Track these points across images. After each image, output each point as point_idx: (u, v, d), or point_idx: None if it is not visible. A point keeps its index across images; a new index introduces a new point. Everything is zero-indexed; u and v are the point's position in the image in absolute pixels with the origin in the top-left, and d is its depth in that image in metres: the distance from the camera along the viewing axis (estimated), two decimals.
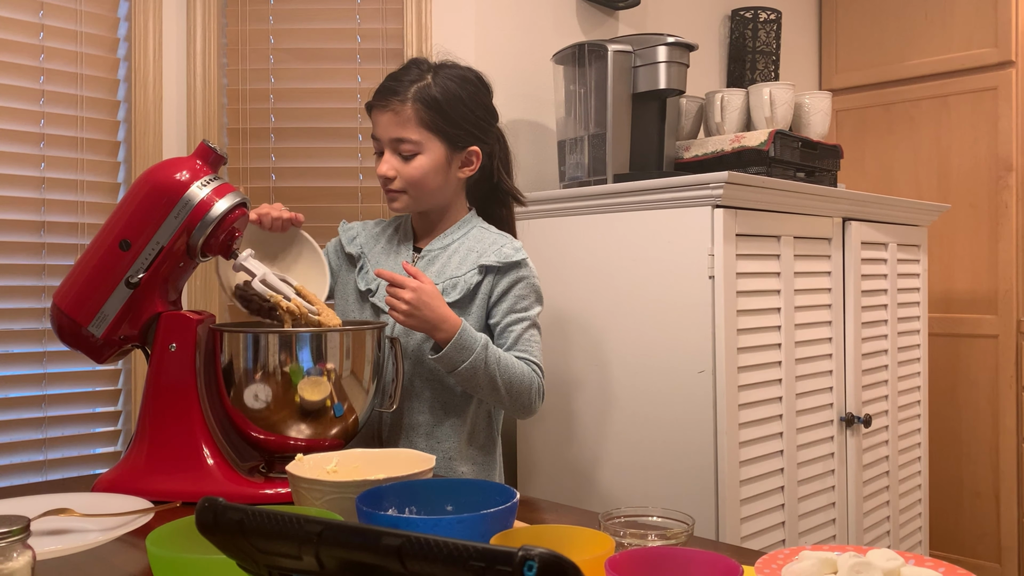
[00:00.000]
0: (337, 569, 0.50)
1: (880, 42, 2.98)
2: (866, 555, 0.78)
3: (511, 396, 1.32)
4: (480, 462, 1.43)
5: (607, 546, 0.76)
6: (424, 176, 1.38)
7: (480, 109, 1.42)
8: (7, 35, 1.65)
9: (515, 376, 1.31)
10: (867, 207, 2.02)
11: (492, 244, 1.42)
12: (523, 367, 1.33)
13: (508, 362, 1.31)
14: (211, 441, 1.15)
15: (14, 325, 1.66)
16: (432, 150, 1.37)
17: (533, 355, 1.37)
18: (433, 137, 1.37)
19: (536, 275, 1.42)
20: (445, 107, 1.36)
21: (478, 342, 1.28)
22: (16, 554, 0.69)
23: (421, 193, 1.40)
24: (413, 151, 1.37)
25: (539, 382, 1.36)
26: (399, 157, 1.38)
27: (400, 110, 1.36)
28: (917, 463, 2.30)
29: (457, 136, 1.39)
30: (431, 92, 1.36)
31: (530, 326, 1.39)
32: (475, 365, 1.27)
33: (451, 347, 1.25)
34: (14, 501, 1.09)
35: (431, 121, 1.36)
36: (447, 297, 1.36)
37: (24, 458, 1.66)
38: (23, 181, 1.67)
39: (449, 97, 1.37)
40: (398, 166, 1.38)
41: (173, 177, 1.16)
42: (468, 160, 1.42)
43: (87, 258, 1.18)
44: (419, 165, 1.37)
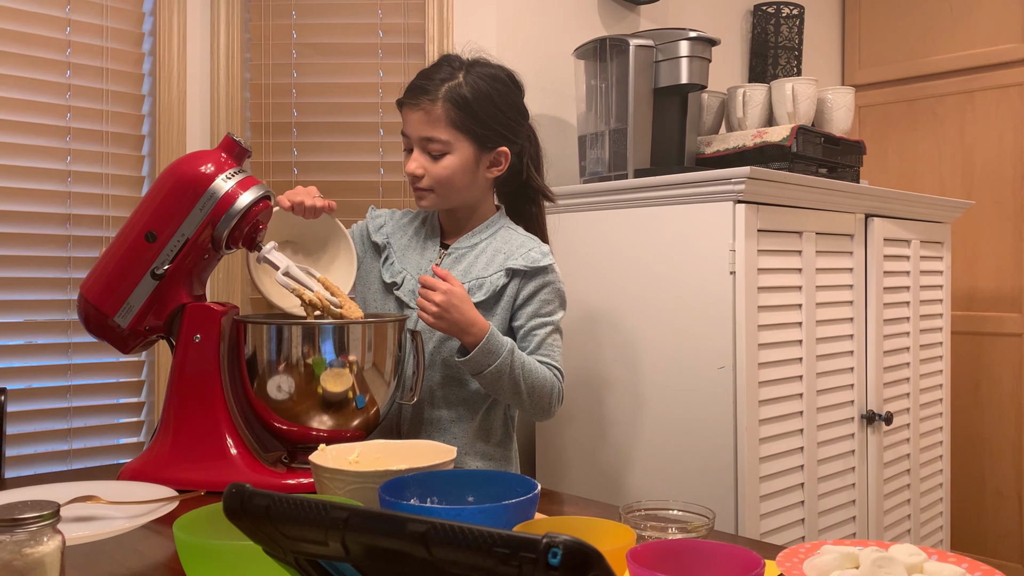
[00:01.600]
0: (362, 555, 0.51)
1: (904, 37, 2.96)
2: (888, 550, 0.77)
3: (532, 400, 1.33)
4: (495, 457, 1.43)
5: (628, 538, 0.76)
6: (452, 176, 1.37)
7: (510, 109, 1.41)
8: (35, 29, 1.67)
9: (538, 381, 1.32)
10: (890, 203, 2.01)
11: (520, 247, 1.41)
12: (545, 372, 1.34)
13: (531, 367, 1.32)
14: (234, 431, 1.16)
15: (40, 316, 1.68)
16: (461, 150, 1.37)
17: (555, 360, 1.38)
18: (462, 137, 1.36)
19: (561, 280, 1.43)
20: (475, 107, 1.35)
21: (504, 347, 1.28)
22: (46, 538, 0.70)
23: (449, 192, 1.39)
24: (442, 151, 1.36)
25: (559, 387, 1.37)
26: (428, 156, 1.37)
27: (430, 109, 1.35)
28: (939, 461, 2.28)
29: (486, 136, 1.38)
30: (462, 92, 1.35)
31: (553, 331, 1.39)
32: (500, 370, 1.28)
33: (479, 351, 1.26)
34: (41, 488, 1.11)
35: (461, 121, 1.35)
36: (472, 297, 1.36)
37: (49, 447, 1.68)
38: (49, 174, 1.69)
39: (479, 97, 1.36)
40: (427, 165, 1.37)
41: (198, 170, 1.17)
42: (497, 160, 1.41)
43: (113, 250, 1.20)
44: (447, 165, 1.37)
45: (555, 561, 0.43)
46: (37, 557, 0.69)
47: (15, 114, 1.65)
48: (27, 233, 1.66)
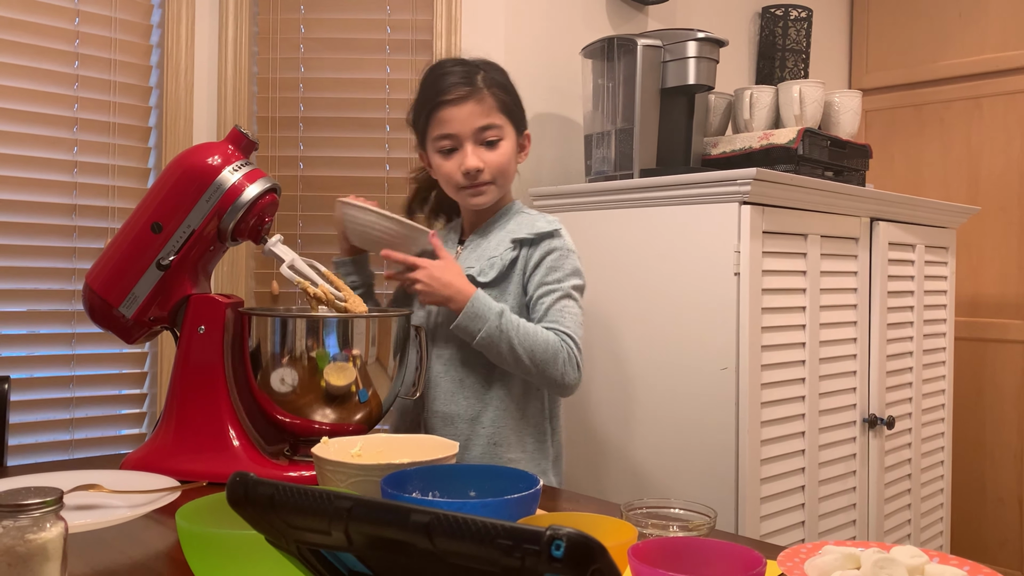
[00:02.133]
0: (365, 545, 0.51)
1: (912, 42, 2.95)
2: (890, 551, 0.77)
3: (536, 366, 1.27)
4: (531, 449, 1.39)
5: (630, 535, 0.76)
6: (509, 161, 1.40)
7: (517, 94, 1.45)
8: (44, 20, 1.67)
9: (538, 345, 1.27)
10: (895, 207, 2.01)
11: (529, 222, 1.41)
12: (547, 335, 1.28)
13: (529, 330, 1.28)
14: (237, 423, 1.17)
15: (45, 306, 1.68)
16: (509, 135, 1.40)
17: (563, 325, 1.31)
18: (508, 121, 1.40)
19: (572, 248, 1.39)
20: (509, 90, 1.41)
21: (492, 310, 1.27)
22: (49, 524, 0.70)
23: (505, 181, 1.41)
24: (497, 136, 1.38)
25: (568, 351, 1.29)
26: (483, 147, 1.38)
27: (481, 99, 1.37)
28: (940, 467, 2.28)
29: (520, 119, 1.43)
30: (496, 78, 1.40)
31: (562, 297, 1.34)
32: (490, 333, 1.26)
33: (464, 316, 1.26)
34: (44, 476, 1.11)
35: (506, 104, 1.39)
36: (484, 277, 1.36)
37: (52, 437, 1.69)
38: (56, 164, 1.69)
39: (506, 81, 1.42)
40: (484, 156, 1.38)
41: (205, 161, 1.17)
42: (522, 144, 1.45)
43: (119, 240, 1.20)
44: (504, 150, 1.39)
45: (558, 553, 0.43)
46: (40, 543, 0.69)
47: (23, 104, 1.65)
48: (33, 223, 1.67)
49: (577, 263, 1.39)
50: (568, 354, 1.29)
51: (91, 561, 0.83)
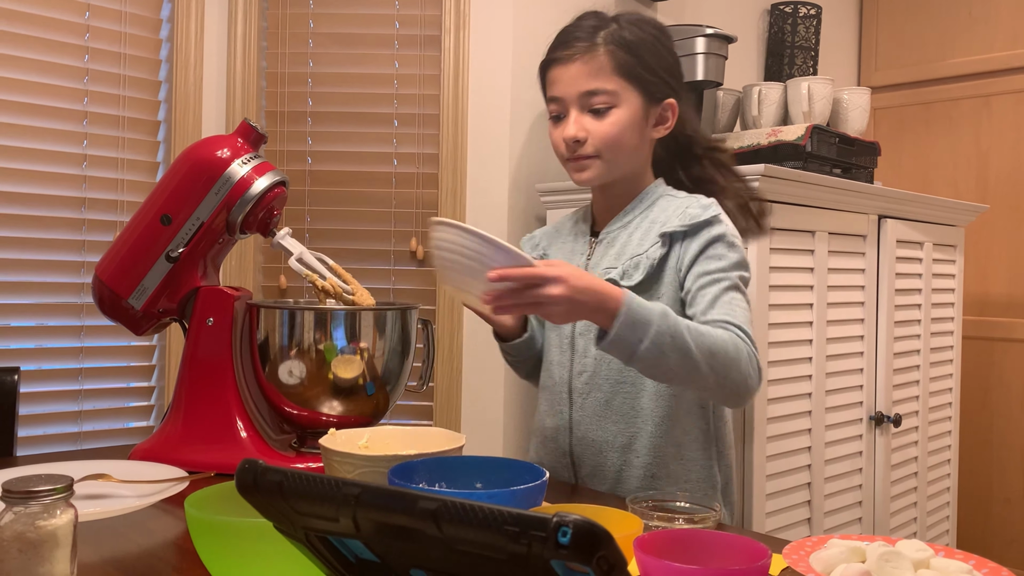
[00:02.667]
0: (373, 532, 0.51)
1: (921, 40, 2.94)
2: (895, 545, 0.77)
3: (715, 371, 1.02)
4: (695, 478, 1.20)
5: (636, 526, 0.76)
6: (621, 133, 1.17)
7: (673, 58, 1.22)
8: (54, 14, 1.68)
9: (716, 345, 1.02)
10: (904, 205, 2.00)
11: (677, 208, 1.18)
12: (722, 333, 1.04)
13: (701, 329, 1.03)
14: (245, 414, 1.17)
15: (54, 299, 1.69)
16: (629, 101, 1.17)
17: (735, 318, 1.08)
18: (629, 86, 1.17)
19: (736, 235, 1.16)
20: (641, 50, 1.17)
21: (654, 311, 1.00)
22: (60, 512, 0.71)
23: (616, 155, 1.19)
24: (608, 103, 1.17)
25: (748, 350, 1.06)
26: (589, 114, 1.18)
27: (590, 58, 1.17)
28: (946, 465, 2.27)
29: (654, 85, 1.19)
30: (623, 34, 1.18)
31: (729, 287, 1.11)
32: (659, 340, 0.98)
33: (621, 324, 0.97)
34: (53, 465, 1.12)
35: (628, 66, 1.17)
36: (628, 280, 1.15)
37: (60, 429, 1.70)
38: (66, 157, 1.70)
39: (642, 39, 1.18)
40: (589, 125, 1.17)
41: (214, 154, 1.18)
42: (664, 116, 1.22)
43: (129, 232, 1.21)
44: (616, 120, 1.17)
45: (565, 540, 0.43)
46: (50, 530, 0.70)
47: (33, 97, 1.66)
48: (42, 216, 1.67)
49: (743, 252, 1.16)
50: (749, 353, 1.06)
51: (100, 549, 0.84)
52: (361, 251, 1.93)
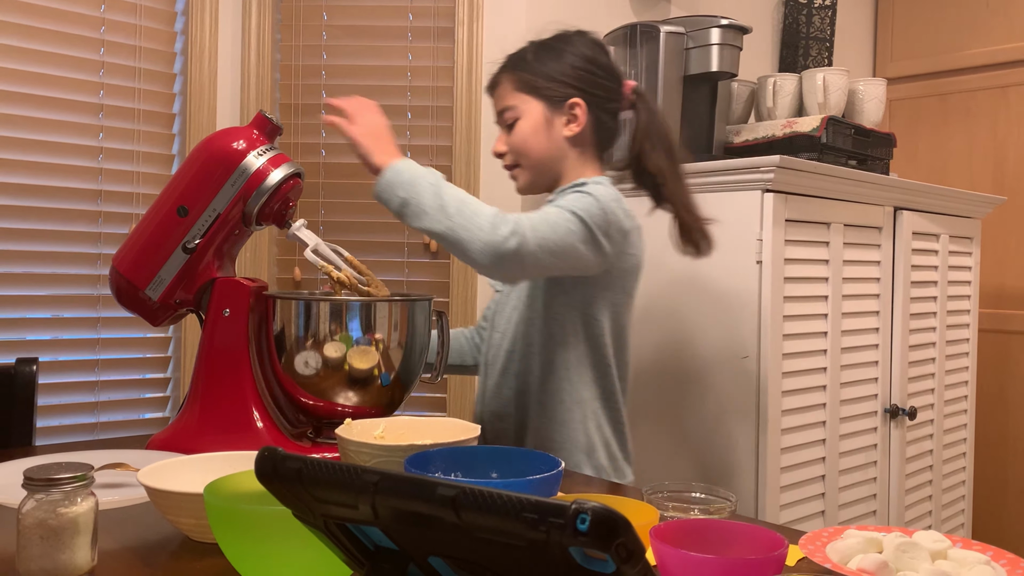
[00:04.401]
0: (391, 519, 0.51)
1: (938, 30, 2.92)
2: (912, 536, 0.77)
3: (463, 215, 1.10)
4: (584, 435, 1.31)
5: (651, 516, 0.76)
6: (525, 139, 1.31)
7: (579, 60, 1.31)
8: (70, 7, 1.69)
9: (471, 199, 1.13)
10: (920, 197, 1.99)
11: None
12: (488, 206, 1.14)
13: (464, 194, 1.14)
14: (261, 405, 1.18)
15: (70, 291, 1.71)
16: (529, 111, 1.30)
17: (523, 214, 1.15)
18: (528, 97, 1.31)
19: (598, 195, 1.21)
20: (535, 63, 1.31)
21: (422, 168, 1.15)
22: (80, 499, 0.72)
23: (531, 161, 1.32)
24: (514, 117, 1.32)
25: (512, 217, 1.12)
26: (506, 130, 1.34)
27: (497, 82, 1.35)
28: (962, 459, 2.26)
29: (551, 90, 1.30)
30: (522, 55, 1.33)
31: (549, 206, 1.20)
32: (414, 182, 1.12)
33: (389, 169, 1.15)
34: (72, 454, 1.13)
35: (521, 81, 1.31)
36: None
37: (77, 420, 1.71)
38: (82, 150, 1.71)
39: (541, 53, 1.31)
40: (505, 139, 1.34)
41: (230, 146, 1.18)
42: (573, 115, 1.31)
43: (146, 223, 1.21)
44: (519, 130, 1.31)
45: (583, 527, 0.43)
46: (71, 517, 0.71)
47: (50, 90, 1.67)
48: (59, 208, 1.69)
49: (594, 205, 1.19)
50: (509, 218, 1.12)
51: (119, 537, 0.84)
52: (375, 243, 1.94)
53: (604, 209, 1.20)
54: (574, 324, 1.30)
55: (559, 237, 1.15)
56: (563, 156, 1.33)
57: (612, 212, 1.22)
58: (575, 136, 1.31)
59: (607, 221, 1.21)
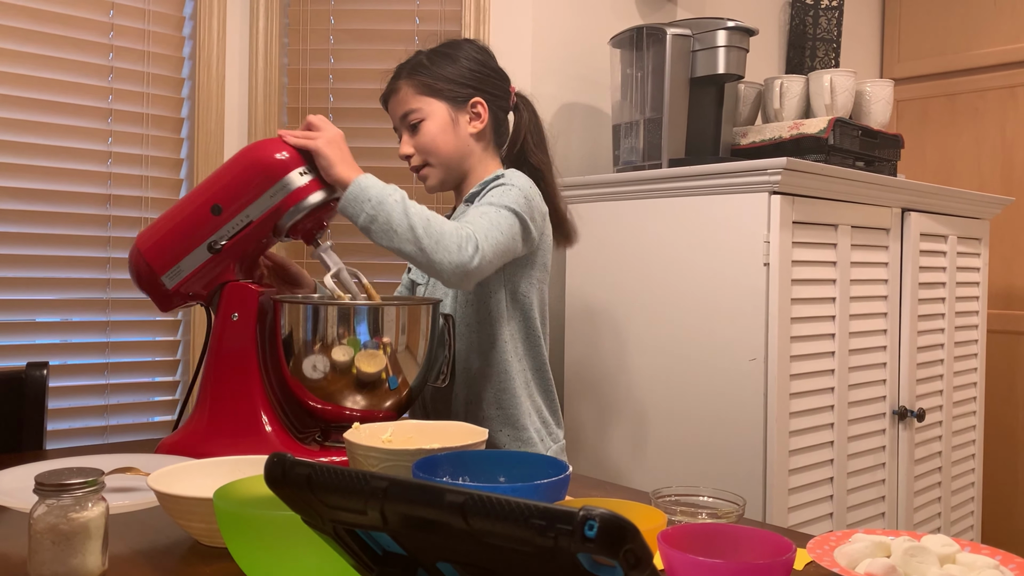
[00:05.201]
0: (400, 525, 0.52)
1: (945, 30, 2.91)
2: (921, 540, 0.77)
3: (432, 238, 1.15)
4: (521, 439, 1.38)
5: (659, 520, 0.76)
6: (433, 138, 1.39)
7: (474, 63, 1.42)
8: (79, 12, 1.70)
9: (436, 221, 1.17)
10: (928, 198, 1.99)
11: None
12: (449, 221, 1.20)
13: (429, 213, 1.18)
14: (270, 409, 1.18)
15: (80, 295, 1.71)
16: (434, 112, 1.39)
17: (470, 221, 1.22)
18: (431, 99, 1.39)
19: (519, 185, 1.31)
20: (433, 68, 1.40)
21: (384, 185, 1.19)
22: (91, 504, 0.72)
23: (440, 159, 1.40)
24: (418, 119, 1.39)
25: (469, 232, 1.18)
26: (410, 133, 1.41)
27: (397, 89, 1.42)
28: (971, 460, 2.25)
29: (453, 91, 1.40)
30: (419, 61, 1.42)
31: (487, 206, 1.26)
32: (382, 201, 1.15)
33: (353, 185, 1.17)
34: (82, 459, 1.14)
35: (423, 85, 1.39)
36: None
37: (87, 423, 1.72)
38: (91, 155, 1.72)
39: (437, 59, 1.41)
40: (411, 141, 1.41)
41: (274, 158, 1.19)
42: (476, 113, 1.42)
43: (177, 212, 1.22)
44: (426, 129, 1.39)
45: (591, 533, 0.43)
46: (83, 522, 0.71)
47: (59, 95, 1.68)
48: (69, 212, 1.70)
49: (520, 196, 1.29)
50: (468, 234, 1.18)
51: (130, 541, 0.85)
52: None
53: (527, 197, 1.31)
54: (506, 302, 1.37)
55: (506, 238, 1.25)
56: (470, 152, 1.43)
57: (533, 198, 1.32)
58: (479, 132, 1.42)
59: (531, 208, 1.31)
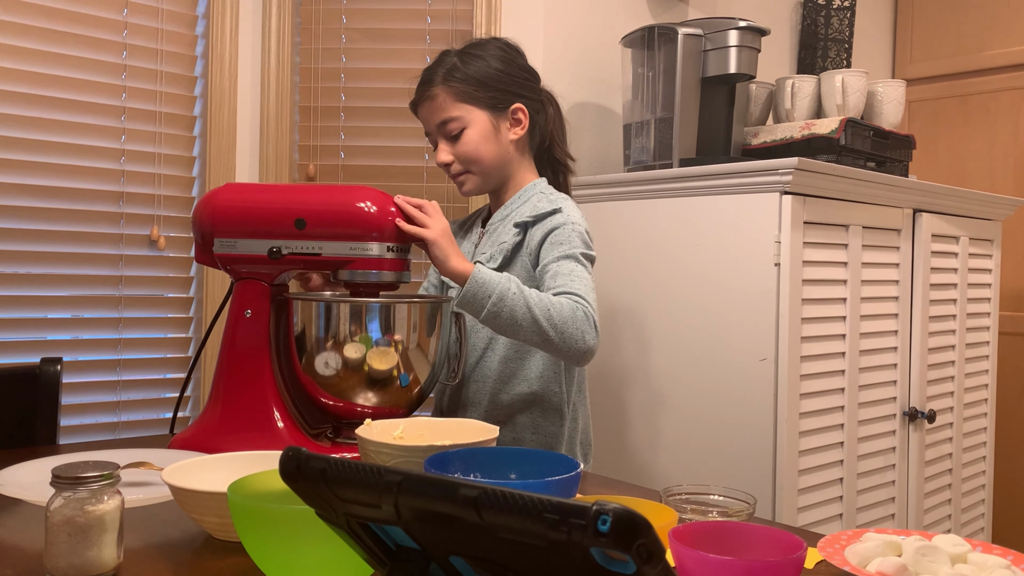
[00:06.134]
0: (413, 519, 0.52)
1: (958, 31, 2.90)
2: (932, 540, 0.77)
3: (556, 328, 1.17)
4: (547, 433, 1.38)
5: (670, 518, 0.77)
6: (476, 147, 1.37)
7: (511, 67, 1.40)
8: (93, 11, 1.71)
9: (554, 304, 1.18)
10: (939, 199, 1.98)
11: (535, 202, 1.38)
12: (559, 298, 1.20)
13: (540, 295, 1.20)
14: (282, 405, 1.19)
15: (93, 291, 1.73)
16: (475, 120, 1.37)
17: (573, 288, 1.23)
18: (472, 107, 1.37)
19: (578, 221, 1.32)
20: (473, 74, 1.37)
21: (499, 276, 1.19)
22: (107, 497, 0.73)
23: (481, 167, 1.39)
24: (459, 127, 1.37)
25: (585, 309, 1.21)
26: (449, 140, 1.38)
27: (434, 95, 1.38)
28: (982, 462, 2.25)
29: (495, 98, 1.38)
30: (456, 67, 1.38)
31: (567, 260, 1.27)
32: (503, 297, 1.16)
33: (471, 283, 1.17)
34: (96, 453, 1.15)
35: (464, 92, 1.36)
36: (493, 263, 1.35)
37: (99, 419, 1.73)
38: (104, 152, 1.73)
39: (470, 62, 1.37)
40: (451, 148, 1.38)
41: (375, 219, 1.19)
42: (516, 119, 1.40)
43: (268, 197, 1.21)
44: (468, 138, 1.37)
45: (604, 528, 0.43)
46: (98, 515, 0.72)
47: (73, 93, 1.69)
48: (82, 209, 1.71)
49: (584, 235, 1.31)
50: (585, 312, 1.20)
51: (144, 535, 0.86)
52: None
53: (586, 231, 1.33)
54: None
55: (592, 290, 1.26)
56: (510, 159, 1.42)
57: (587, 229, 1.34)
58: (519, 139, 1.41)
59: (589, 240, 1.33)
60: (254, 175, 1.91)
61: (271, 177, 1.91)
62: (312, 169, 1.95)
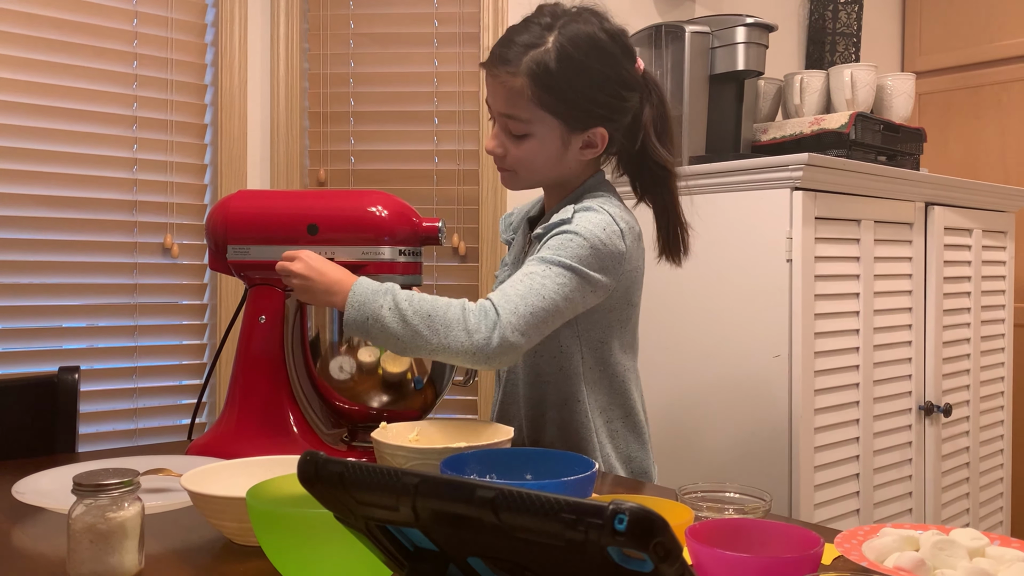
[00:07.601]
0: (431, 520, 0.52)
1: (967, 22, 2.88)
2: (950, 534, 0.77)
3: (436, 333, 1.02)
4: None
5: (687, 516, 0.77)
6: (534, 160, 1.18)
7: (609, 83, 1.15)
8: (103, 22, 1.72)
9: (435, 308, 1.03)
10: (951, 192, 1.97)
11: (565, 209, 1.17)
12: (447, 299, 1.05)
13: (425, 297, 1.04)
14: (297, 409, 1.20)
15: (107, 300, 1.74)
16: (545, 131, 1.15)
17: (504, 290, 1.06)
18: (547, 116, 1.14)
19: (587, 233, 1.10)
20: (562, 83, 1.12)
21: (378, 290, 1.05)
22: (127, 504, 0.74)
23: (532, 174, 1.21)
24: (524, 131, 1.16)
25: (486, 307, 1.04)
26: (509, 134, 1.17)
27: (510, 83, 1.13)
28: (999, 456, 2.23)
29: (576, 117, 1.15)
30: (547, 63, 1.12)
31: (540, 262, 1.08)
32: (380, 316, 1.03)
33: (349, 307, 1.04)
34: (114, 460, 1.16)
35: (546, 100, 1.13)
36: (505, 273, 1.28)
37: (116, 427, 1.74)
38: (117, 162, 1.75)
39: (569, 69, 1.12)
40: (508, 144, 1.18)
41: (386, 224, 1.19)
42: (591, 142, 1.18)
43: (280, 204, 1.22)
44: (529, 148, 1.17)
45: (621, 527, 0.44)
46: (119, 521, 0.73)
47: (85, 103, 1.70)
48: (95, 219, 1.72)
49: (585, 248, 1.10)
50: (477, 315, 1.03)
51: (164, 540, 0.86)
52: None
53: (593, 246, 1.10)
54: (583, 354, 1.21)
55: (549, 301, 1.06)
56: (570, 175, 1.23)
57: (602, 244, 1.11)
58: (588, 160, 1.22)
59: (599, 256, 1.11)
60: (265, 181, 1.93)
61: (282, 183, 1.92)
62: (323, 174, 1.96)
